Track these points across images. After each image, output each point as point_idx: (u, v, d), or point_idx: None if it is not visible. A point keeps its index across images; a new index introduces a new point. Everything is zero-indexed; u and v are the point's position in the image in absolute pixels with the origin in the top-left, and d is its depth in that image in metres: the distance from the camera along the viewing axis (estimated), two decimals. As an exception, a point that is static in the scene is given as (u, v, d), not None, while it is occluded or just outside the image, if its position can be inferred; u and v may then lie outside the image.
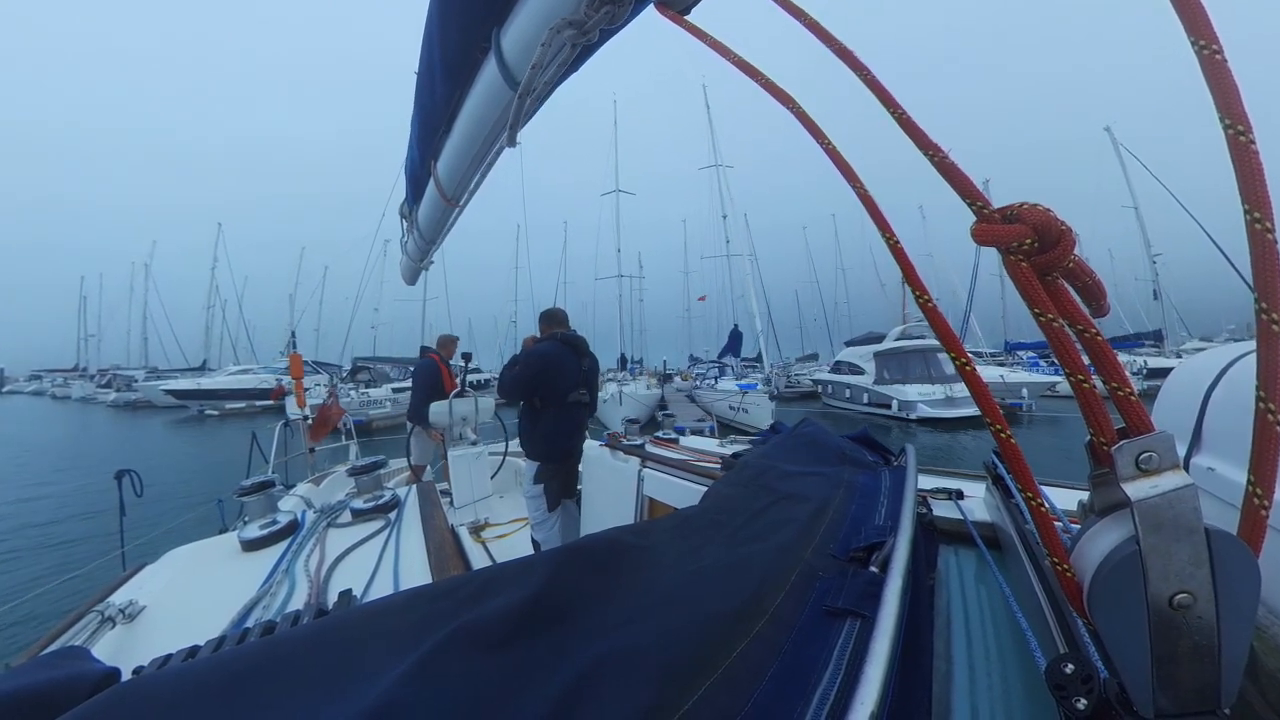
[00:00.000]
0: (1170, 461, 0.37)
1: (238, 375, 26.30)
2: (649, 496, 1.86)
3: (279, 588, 1.11)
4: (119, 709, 0.41)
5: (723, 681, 0.40)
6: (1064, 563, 0.44)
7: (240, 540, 1.37)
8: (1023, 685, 0.56)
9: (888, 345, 16.44)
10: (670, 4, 0.76)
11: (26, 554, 5.50)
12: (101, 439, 16.67)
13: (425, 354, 4.27)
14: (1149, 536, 0.36)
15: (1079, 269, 0.40)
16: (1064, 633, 0.51)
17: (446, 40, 1.02)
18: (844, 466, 1.02)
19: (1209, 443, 0.71)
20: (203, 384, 25.27)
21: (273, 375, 24.49)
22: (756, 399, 13.82)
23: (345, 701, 0.39)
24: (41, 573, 4.78)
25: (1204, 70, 0.34)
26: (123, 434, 17.95)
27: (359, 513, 1.54)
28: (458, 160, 1.27)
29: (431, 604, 0.53)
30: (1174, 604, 0.36)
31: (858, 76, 0.53)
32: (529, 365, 2.62)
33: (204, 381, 25.84)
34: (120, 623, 0.99)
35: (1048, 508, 0.51)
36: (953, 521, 0.91)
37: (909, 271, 0.53)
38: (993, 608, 0.70)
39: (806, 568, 0.59)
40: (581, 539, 0.66)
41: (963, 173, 0.44)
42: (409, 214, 1.97)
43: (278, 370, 24.92)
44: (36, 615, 2.43)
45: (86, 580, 2.59)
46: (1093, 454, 0.42)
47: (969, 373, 0.49)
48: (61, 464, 11.13)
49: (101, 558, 2.85)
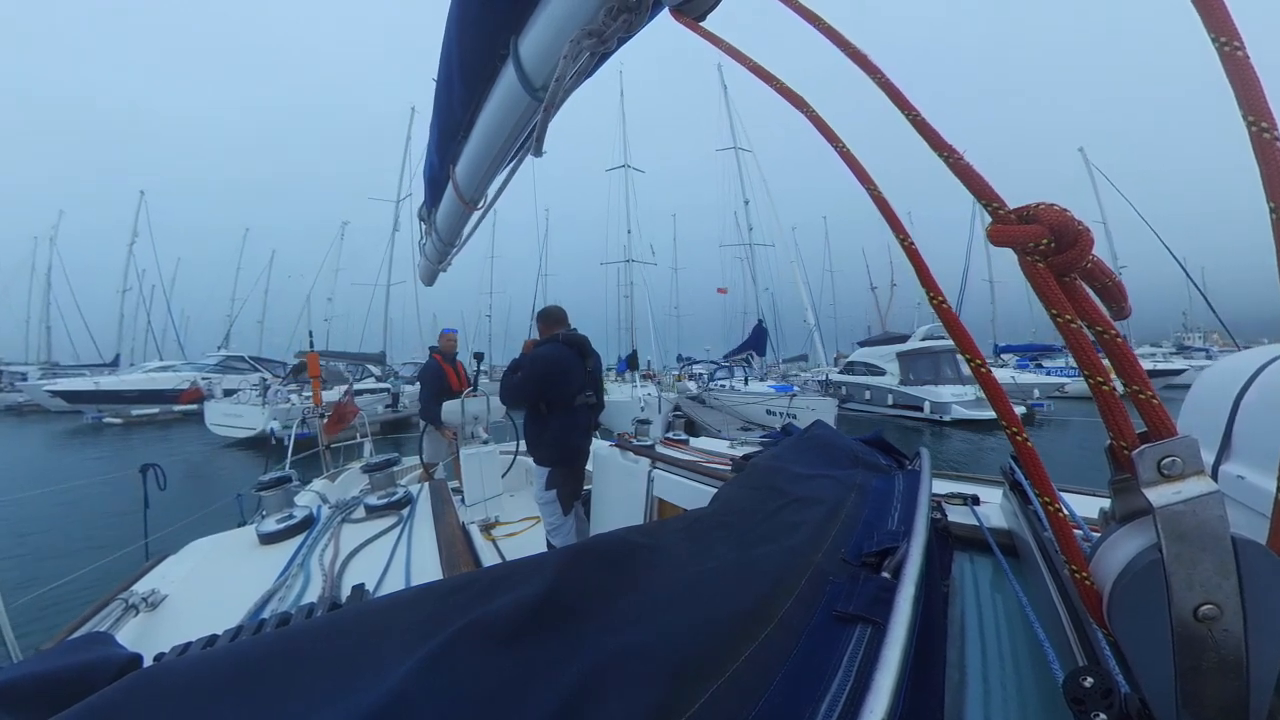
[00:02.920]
0: (1194, 467, 0.36)
1: (154, 373, 20.11)
2: (658, 497, 1.86)
3: (294, 580, 1.14)
4: (141, 694, 0.42)
5: (730, 684, 0.40)
6: (1083, 571, 0.43)
7: (258, 533, 1.40)
8: (1039, 698, 0.54)
9: (913, 345, 15.75)
10: (686, 10, 0.77)
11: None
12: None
13: (431, 354, 4.28)
14: (1172, 545, 0.35)
15: (1098, 270, 0.39)
16: (1083, 644, 0.50)
17: (465, 47, 1.04)
18: (856, 469, 1.01)
19: (1239, 449, 0.68)
20: (103, 384, 18.84)
21: (198, 373, 19.29)
22: (814, 401, 11.72)
23: (357, 693, 0.40)
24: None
25: (1225, 67, 0.33)
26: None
27: (372, 509, 1.57)
28: (476, 165, 1.30)
29: (442, 600, 0.53)
30: (1199, 616, 0.34)
31: (872, 80, 0.53)
32: (532, 370, 2.55)
33: (105, 381, 19.32)
34: (143, 610, 1.02)
35: (1066, 514, 0.50)
36: (968, 527, 0.90)
37: (923, 272, 0.53)
38: (1009, 617, 0.68)
39: (817, 571, 0.58)
40: (591, 538, 0.66)
41: (978, 174, 0.44)
42: (427, 217, 2.01)
43: (204, 366, 20.24)
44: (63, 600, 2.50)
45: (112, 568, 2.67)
46: (1113, 459, 0.41)
47: (984, 374, 0.48)
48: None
49: (128, 546, 2.94)
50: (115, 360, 29.72)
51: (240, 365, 20.54)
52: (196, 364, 21.58)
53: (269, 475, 1.66)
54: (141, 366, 22.53)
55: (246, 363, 20.78)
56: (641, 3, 0.72)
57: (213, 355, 22.26)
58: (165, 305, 35.71)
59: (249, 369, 19.80)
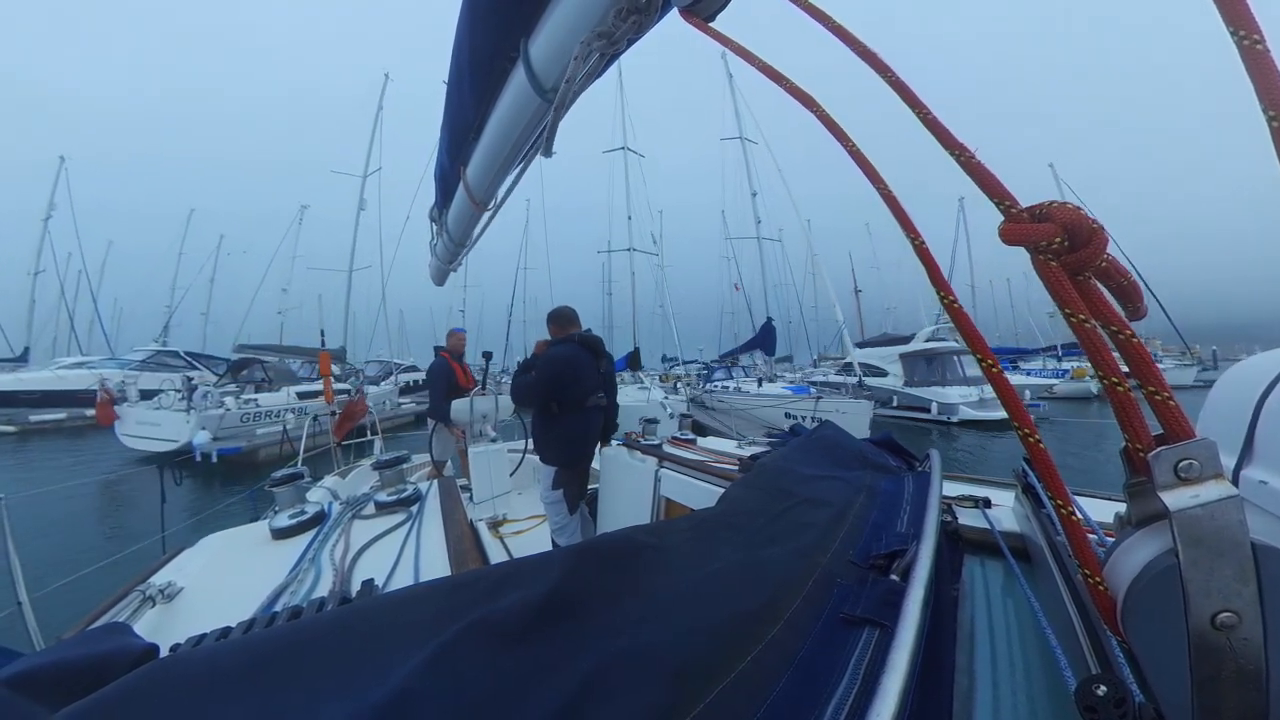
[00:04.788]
0: (1213, 470, 0.35)
1: (65, 371, 16.89)
2: (666, 497, 1.86)
3: (305, 575, 1.16)
4: (157, 684, 0.43)
5: (736, 685, 0.40)
6: (1097, 576, 0.42)
7: (270, 528, 1.43)
8: (1050, 706, 0.53)
9: (918, 346, 15.65)
10: (695, 11, 0.77)
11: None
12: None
13: (439, 353, 4.31)
14: (1189, 550, 0.34)
15: (1113, 269, 0.38)
16: (1096, 651, 0.49)
17: (476, 48, 1.05)
18: (865, 471, 1.00)
19: (1262, 453, 0.66)
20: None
21: (121, 370, 15.55)
22: (845, 405, 10.16)
23: (365, 687, 0.41)
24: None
25: (1245, 61, 0.32)
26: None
27: (382, 505, 1.59)
28: (487, 165, 1.31)
29: (450, 596, 0.54)
30: (1216, 624, 0.34)
31: (882, 78, 0.53)
32: (546, 370, 2.53)
33: (2, 379, 16.09)
34: (160, 602, 1.04)
35: (1080, 518, 0.49)
36: (979, 530, 0.88)
37: (934, 272, 0.52)
38: (1020, 622, 0.67)
39: (824, 573, 0.58)
40: (598, 537, 0.67)
41: (990, 172, 0.43)
42: (438, 218, 2.03)
43: (129, 363, 16.69)
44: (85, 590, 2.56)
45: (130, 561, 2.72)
46: (1129, 461, 0.41)
47: (995, 375, 0.48)
48: None
49: (144, 540, 3.00)
50: (24, 354, 23.47)
51: (174, 362, 16.84)
52: (120, 360, 17.83)
53: (282, 472, 1.69)
54: (55, 363, 18.66)
55: (182, 359, 17.07)
56: (651, 4, 0.73)
57: (141, 350, 18.01)
58: (90, 292, 28.74)
59: (185, 366, 16.19)
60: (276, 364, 14.09)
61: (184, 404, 9.70)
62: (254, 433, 10.09)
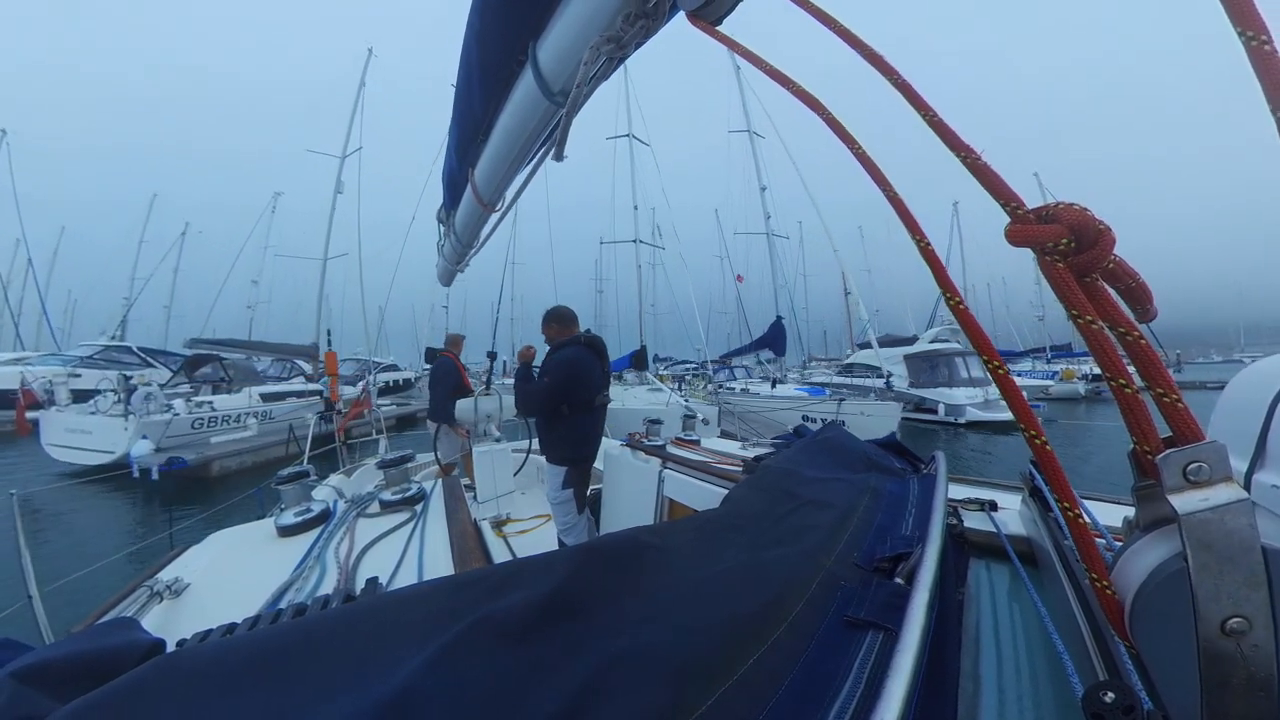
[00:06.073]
0: (1222, 473, 0.35)
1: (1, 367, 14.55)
2: (669, 498, 1.86)
3: (310, 572, 1.16)
4: (164, 678, 0.44)
5: (739, 687, 0.40)
6: (1104, 580, 0.42)
7: (276, 526, 1.44)
8: (1056, 712, 0.53)
9: (922, 347, 15.61)
10: (702, 15, 0.78)
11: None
12: None
13: (434, 355, 4.41)
14: (1198, 554, 0.34)
15: (1121, 270, 0.38)
16: (1103, 657, 0.48)
17: (484, 51, 1.07)
18: (870, 473, 0.99)
19: (1275, 457, 0.65)
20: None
21: (65, 368, 13.34)
22: (871, 407, 9.67)
23: (369, 684, 0.41)
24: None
25: (1253, 62, 0.32)
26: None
27: (387, 504, 1.60)
28: (495, 167, 1.32)
29: (453, 595, 0.54)
30: (1226, 629, 0.33)
31: (889, 80, 0.53)
32: (562, 373, 2.54)
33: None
34: (167, 598, 1.06)
35: (1088, 521, 0.48)
36: (985, 534, 0.88)
37: (940, 273, 0.52)
38: (1026, 627, 0.67)
39: (828, 576, 0.58)
40: (601, 537, 0.67)
41: (996, 174, 0.43)
42: (446, 219, 2.05)
43: (71, 360, 14.79)
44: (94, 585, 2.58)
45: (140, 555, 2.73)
46: (1137, 464, 0.40)
47: (1002, 376, 0.47)
48: None
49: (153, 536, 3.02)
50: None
51: (127, 359, 14.85)
52: (63, 356, 15.79)
53: (288, 470, 1.70)
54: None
55: (136, 355, 15.09)
56: (658, 8, 0.73)
57: (87, 345, 16.02)
58: (35, 282, 25.88)
59: (139, 364, 14.18)
60: (238, 361, 12.24)
61: (121, 408, 8.05)
62: (207, 441, 8.44)
